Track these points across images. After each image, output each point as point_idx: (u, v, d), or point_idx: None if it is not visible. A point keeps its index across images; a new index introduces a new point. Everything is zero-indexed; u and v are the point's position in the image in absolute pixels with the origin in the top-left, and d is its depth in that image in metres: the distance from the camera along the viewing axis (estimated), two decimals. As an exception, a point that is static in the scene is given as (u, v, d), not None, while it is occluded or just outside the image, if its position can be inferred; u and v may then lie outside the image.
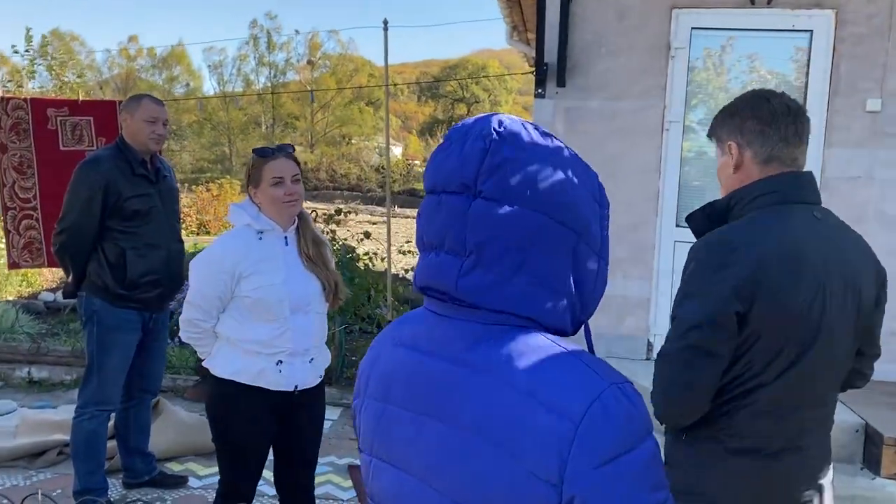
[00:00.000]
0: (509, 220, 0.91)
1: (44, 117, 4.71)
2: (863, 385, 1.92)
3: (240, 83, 52.17)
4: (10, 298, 7.56)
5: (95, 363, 3.72)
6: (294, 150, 2.82)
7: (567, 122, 5.06)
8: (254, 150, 2.74)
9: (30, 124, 4.70)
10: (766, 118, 1.72)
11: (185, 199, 13.06)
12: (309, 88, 49.34)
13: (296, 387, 2.77)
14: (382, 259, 6.55)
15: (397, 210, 34.05)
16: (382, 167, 44.90)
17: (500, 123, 0.96)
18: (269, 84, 51.74)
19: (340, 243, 6.18)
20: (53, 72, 10.34)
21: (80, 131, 4.85)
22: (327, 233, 6.21)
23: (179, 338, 3.35)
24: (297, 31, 51.11)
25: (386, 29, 5.59)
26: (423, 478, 0.95)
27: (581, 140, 5.04)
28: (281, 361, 2.70)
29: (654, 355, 5.34)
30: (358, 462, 4.38)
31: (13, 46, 10.44)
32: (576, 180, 0.95)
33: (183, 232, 13.03)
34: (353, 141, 49.81)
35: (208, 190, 15.19)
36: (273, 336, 2.68)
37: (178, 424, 4.59)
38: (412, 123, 66.28)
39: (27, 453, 4.36)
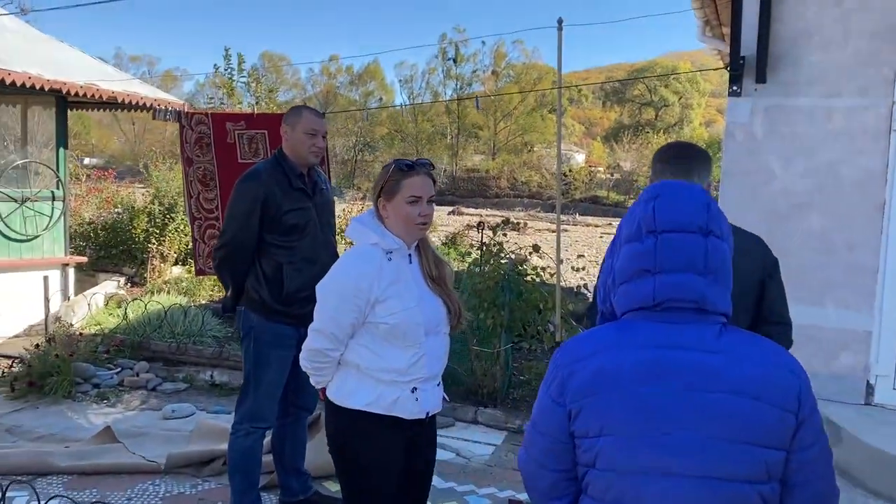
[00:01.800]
0: (725, 250, 1.40)
1: (223, 131, 4.78)
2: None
3: (428, 95, 53.71)
4: (203, 302, 7.97)
5: (252, 379, 3.63)
6: (433, 167, 2.58)
7: (767, 124, 4.35)
8: (395, 161, 2.49)
9: (211, 138, 4.79)
10: None
11: (344, 208, 13.34)
12: (476, 96, 49.89)
13: (427, 413, 2.56)
14: (552, 274, 6.09)
15: (578, 218, 33.31)
16: (564, 174, 44.30)
17: (700, 188, 1.46)
18: (456, 95, 52.77)
19: (507, 256, 5.81)
20: (251, 89, 10.93)
21: (255, 144, 4.89)
22: (494, 244, 5.88)
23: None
24: (483, 42, 51.64)
25: (560, 28, 5.17)
26: (701, 431, 1.31)
27: (785, 144, 4.31)
28: (416, 388, 2.49)
29: (876, 399, 4.53)
30: (521, 497, 3.99)
31: (215, 66, 11.18)
32: None
33: (342, 243, 13.10)
34: (534, 149, 49.47)
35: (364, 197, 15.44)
36: (410, 363, 2.47)
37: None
38: (597, 130, 64.87)
39: (197, 461, 4.39)
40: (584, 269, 7.89)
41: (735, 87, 4.33)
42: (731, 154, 4.43)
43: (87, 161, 34.91)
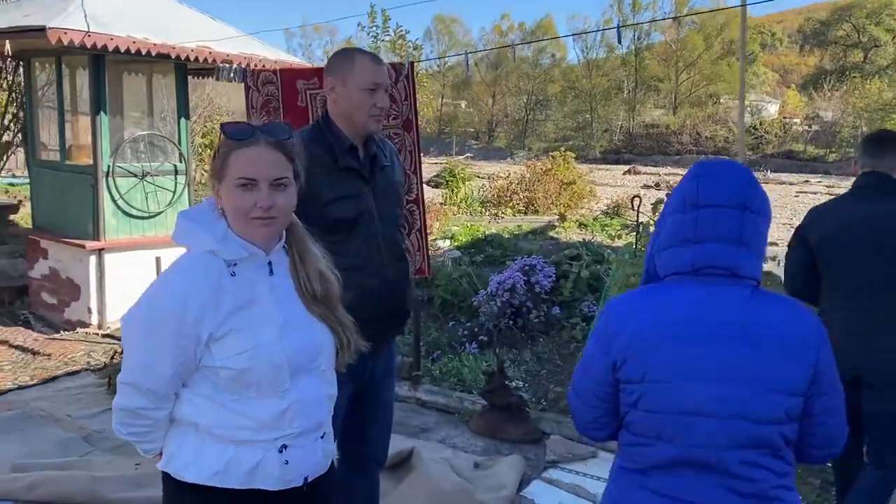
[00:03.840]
0: (760, 225, 1.59)
1: (293, 92, 3.81)
2: None
3: (602, 50, 50.93)
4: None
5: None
6: (290, 135, 1.77)
7: None
8: (224, 126, 1.73)
9: (280, 101, 3.84)
10: None
11: (515, 170, 12.16)
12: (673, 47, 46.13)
13: (306, 479, 1.80)
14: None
15: (770, 175, 29.86)
16: (754, 127, 40.11)
17: (743, 167, 1.64)
18: (633, 47, 49.56)
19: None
20: (396, 48, 10.07)
21: (329, 107, 3.88)
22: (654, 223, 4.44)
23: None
24: (662, -13, 47.77)
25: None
26: (734, 378, 1.49)
27: None
28: (286, 447, 1.74)
29: None
30: None
31: (359, 24, 10.44)
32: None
33: (510, 211, 11.93)
34: (720, 101, 45.27)
35: (541, 162, 13.90)
36: (271, 416, 1.72)
37: (432, 492, 3.40)
38: (792, 77, 58.39)
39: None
40: (783, 245, 6.20)
41: None
42: None
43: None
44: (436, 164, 23.67)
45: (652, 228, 4.47)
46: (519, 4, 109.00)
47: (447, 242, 8.97)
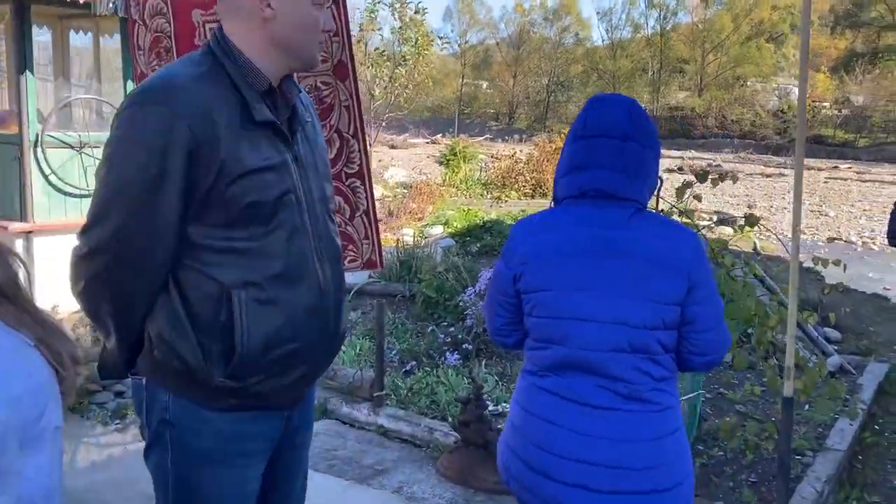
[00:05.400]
0: (641, 153, 1.67)
1: (189, 26, 2.74)
2: None
3: (628, 30, 49.20)
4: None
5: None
6: None
7: None
8: None
9: (172, 39, 2.79)
10: None
11: (520, 150, 11.01)
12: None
13: None
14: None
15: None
16: (782, 111, 38.48)
17: (627, 98, 1.76)
18: (659, 27, 47.80)
19: (698, 233, 3.32)
20: (395, 12, 8.98)
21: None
22: (678, 211, 3.44)
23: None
24: (690, -33, 45.85)
25: None
26: (612, 289, 1.61)
27: None
28: None
29: None
30: None
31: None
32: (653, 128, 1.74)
33: (515, 193, 10.85)
34: (747, 83, 43.50)
35: (550, 141, 12.21)
36: None
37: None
38: (821, 60, 56.10)
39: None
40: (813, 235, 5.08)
41: None
42: None
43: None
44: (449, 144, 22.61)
45: (675, 216, 3.44)
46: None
47: (440, 229, 7.86)
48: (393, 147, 33.83)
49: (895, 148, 34.79)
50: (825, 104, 40.19)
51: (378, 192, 8.74)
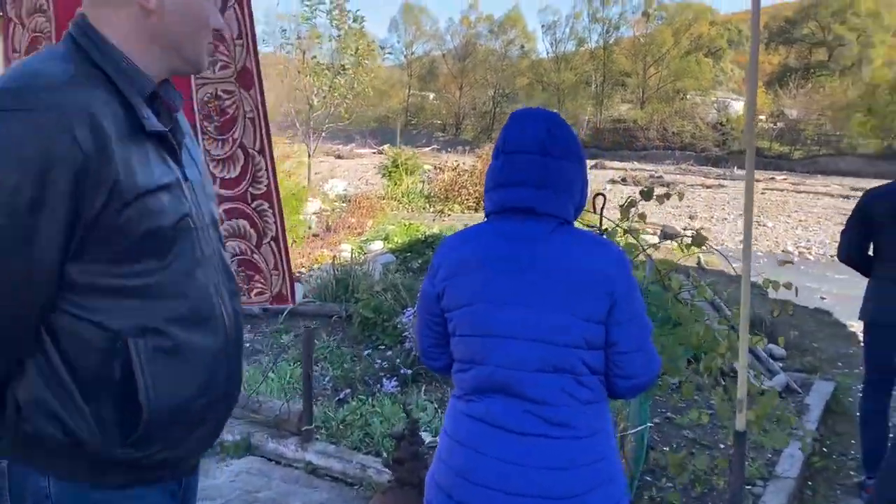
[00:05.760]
0: (561, 168, 1.61)
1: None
2: None
3: (572, 43, 49.87)
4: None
5: None
6: None
7: None
8: None
9: (53, 40, 2.45)
10: None
11: (464, 162, 10.78)
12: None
13: None
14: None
15: (736, 172, 29.03)
16: (721, 123, 39.41)
17: (547, 114, 1.68)
18: (602, 41, 48.59)
19: (642, 252, 3.15)
20: (334, 21, 8.69)
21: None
22: (621, 230, 3.23)
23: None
24: (632, -18, 46.71)
25: None
26: (533, 305, 1.53)
27: None
28: None
29: None
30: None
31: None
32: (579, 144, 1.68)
33: (458, 207, 10.64)
34: (687, 96, 44.46)
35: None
36: None
37: None
38: (757, 75, 57.67)
39: None
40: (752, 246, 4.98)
41: None
42: None
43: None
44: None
45: (619, 237, 3.26)
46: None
47: (380, 244, 7.56)
48: (339, 157, 33.46)
49: (827, 160, 36.03)
50: (761, 117, 41.38)
51: (316, 205, 8.39)
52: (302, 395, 4.03)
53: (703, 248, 3.37)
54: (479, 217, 10.60)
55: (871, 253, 3.42)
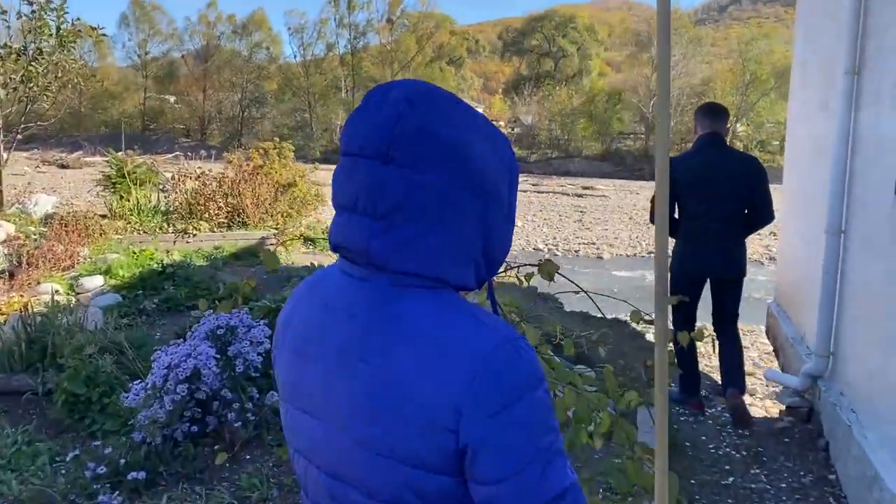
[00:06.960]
0: (420, 187, 0.88)
1: None
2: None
3: (321, 46, 48.68)
4: None
5: None
6: None
7: None
8: None
9: None
10: None
11: (210, 169, 9.18)
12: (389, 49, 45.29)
13: None
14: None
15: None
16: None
17: (413, 90, 0.90)
18: (350, 46, 48.05)
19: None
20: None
21: None
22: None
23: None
24: (376, -11, 46.73)
25: None
26: (334, 424, 0.92)
27: None
28: None
29: None
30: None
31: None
32: (486, 146, 0.92)
33: (206, 224, 9.04)
34: (435, 102, 45.60)
35: (248, 159, 10.01)
36: None
37: None
38: (493, 84, 61.25)
39: None
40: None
41: None
42: None
43: None
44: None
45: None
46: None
47: (99, 280, 5.68)
48: (64, 167, 28.87)
49: (560, 161, 38.93)
50: (501, 123, 43.58)
51: (11, 228, 6.26)
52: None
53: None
54: (234, 235, 8.99)
55: (675, 216, 4.02)
